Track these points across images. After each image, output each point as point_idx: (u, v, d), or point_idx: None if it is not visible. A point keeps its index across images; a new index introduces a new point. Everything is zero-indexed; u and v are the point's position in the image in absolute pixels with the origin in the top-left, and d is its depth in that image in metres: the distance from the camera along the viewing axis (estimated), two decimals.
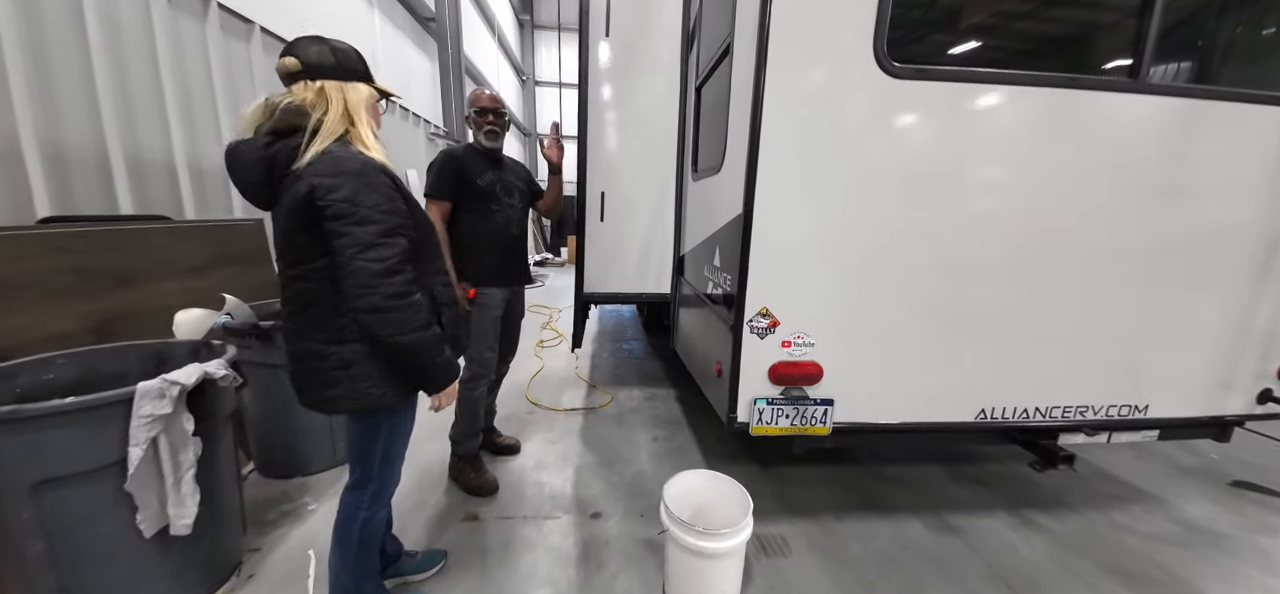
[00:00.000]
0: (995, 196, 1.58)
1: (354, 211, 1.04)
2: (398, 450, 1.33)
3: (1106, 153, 1.57)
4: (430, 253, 1.25)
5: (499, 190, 2.04)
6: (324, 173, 1.05)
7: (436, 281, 1.26)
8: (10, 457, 1.19)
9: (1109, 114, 1.55)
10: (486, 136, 2.04)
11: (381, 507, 1.35)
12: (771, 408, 1.61)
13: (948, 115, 1.51)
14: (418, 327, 1.12)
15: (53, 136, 2.19)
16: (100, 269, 1.95)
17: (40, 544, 1.25)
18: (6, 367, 1.47)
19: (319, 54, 1.12)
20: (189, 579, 1.51)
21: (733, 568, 1.50)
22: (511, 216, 2.09)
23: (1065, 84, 1.51)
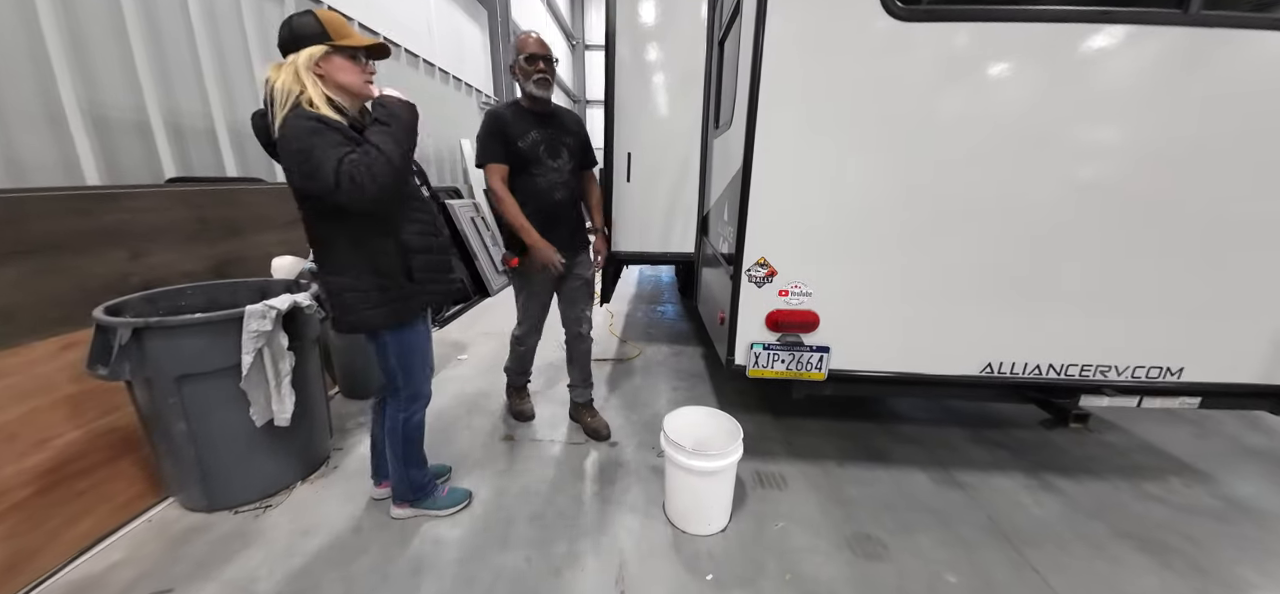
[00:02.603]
0: (1007, 143, 1.53)
1: (308, 178, 1.20)
2: (413, 364, 1.56)
3: (1141, 96, 1.47)
4: (404, 200, 1.40)
5: (542, 152, 1.92)
6: (284, 152, 1.22)
7: (409, 229, 1.41)
8: (159, 355, 1.58)
9: (1148, 49, 1.44)
10: (537, 84, 1.89)
11: (416, 409, 1.63)
12: (768, 353, 1.72)
13: (961, 58, 1.47)
14: (380, 171, 1.20)
15: (172, 110, 2.65)
16: (217, 220, 2.38)
17: (183, 425, 1.66)
18: (152, 293, 1.90)
19: (281, 34, 1.27)
20: (290, 463, 1.92)
21: (720, 487, 1.67)
22: (556, 180, 1.97)
23: (1097, 18, 1.42)
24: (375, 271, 1.38)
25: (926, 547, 1.69)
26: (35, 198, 1.75)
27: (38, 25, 2.05)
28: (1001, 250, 1.62)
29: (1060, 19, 1.43)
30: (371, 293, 1.39)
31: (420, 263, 1.44)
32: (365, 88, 1.33)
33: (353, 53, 1.29)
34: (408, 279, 1.42)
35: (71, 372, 1.66)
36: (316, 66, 1.25)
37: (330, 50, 1.26)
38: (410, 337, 1.52)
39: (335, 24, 1.28)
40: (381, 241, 1.37)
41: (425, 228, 1.46)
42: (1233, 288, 1.63)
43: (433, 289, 1.50)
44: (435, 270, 1.50)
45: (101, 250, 1.90)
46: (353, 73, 1.30)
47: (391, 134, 1.24)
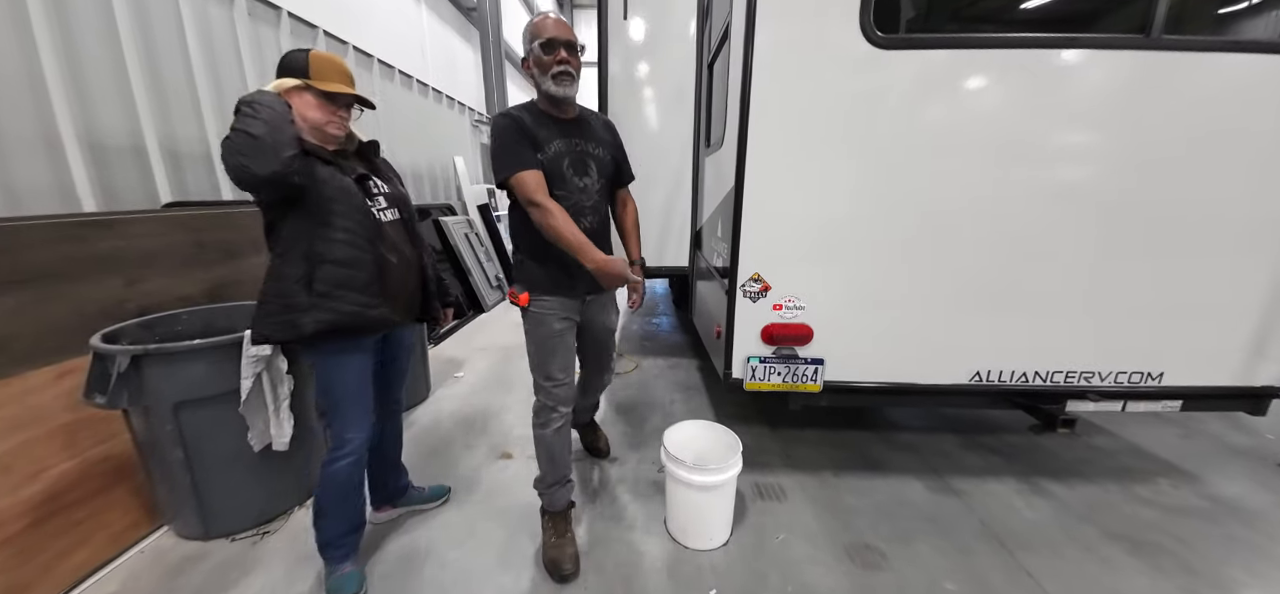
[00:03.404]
0: (983, 161, 1.60)
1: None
2: (336, 401, 1.41)
3: (1111, 112, 1.55)
4: (312, 210, 1.29)
5: (567, 168, 1.49)
6: None
7: (326, 234, 1.30)
8: (156, 383, 1.57)
9: (1115, 73, 1.52)
10: (557, 81, 1.43)
11: (338, 457, 1.43)
12: (764, 366, 1.75)
13: (934, 82, 1.55)
14: (239, 144, 1.15)
15: (169, 136, 2.66)
16: (213, 244, 2.38)
17: (180, 452, 1.65)
18: (149, 319, 1.89)
19: (279, 65, 1.36)
20: (287, 488, 1.91)
21: (721, 501, 1.68)
22: (582, 203, 1.50)
23: (1065, 44, 1.50)
24: (275, 274, 1.31)
25: (925, 554, 1.71)
26: (30, 226, 1.75)
27: (36, 53, 2.07)
28: (984, 262, 1.68)
29: (1030, 45, 1.51)
30: (270, 298, 1.31)
31: (326, 274, 1.29)
32: (327, 128, 1.36)
33: (325, 95, 1.33)
34: (306, 290, 1.28)
35: (67, 400, 1.64)
36: (287, 94, 1.30)
37: (303, 86, 1.31)
38: (332, 367, 1.39)
39: (321, 66, 1.33)
40: (291, 242, 1.29)
41: (351, 240, 1.32)
42: (1205, 293, 1.70)
43: (333, 307, 1.30)
44: (344, 286, 1.31)
45: (97, 277, 1.89)
46: (318, 111, 1.34)
47: (244, 114, 1.18)
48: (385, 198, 1.46)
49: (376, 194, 1.44)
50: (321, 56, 1.34)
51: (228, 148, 1.17)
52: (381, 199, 1.45)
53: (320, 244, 1.29)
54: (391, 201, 1.48)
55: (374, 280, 1.37)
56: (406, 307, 1.53)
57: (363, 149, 1.53)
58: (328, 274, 1.30)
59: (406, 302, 1.52)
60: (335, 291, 1.31)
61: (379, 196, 1.44)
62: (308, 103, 1.32)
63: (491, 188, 6.92)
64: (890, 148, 1.59)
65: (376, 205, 1.42)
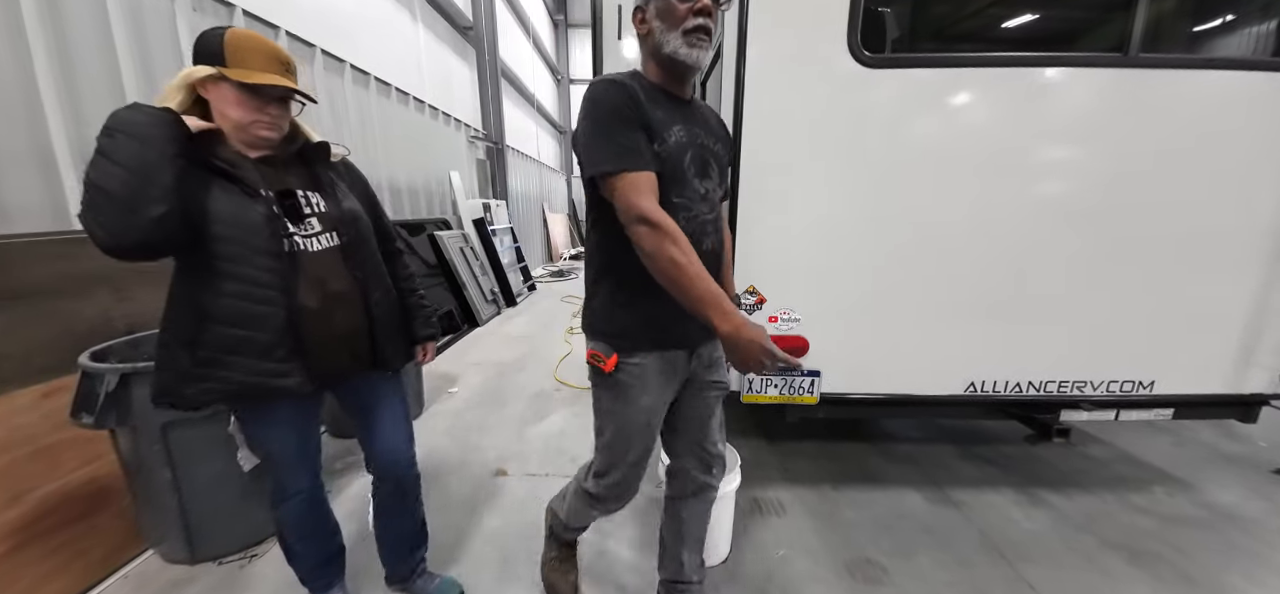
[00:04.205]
0: (972, 176, 1.64)
1: None
2: (268, 453, 1.26)
3: (1093, 127, 1.59)
4: (197, 252, 1.02)
5: (688, 165, 1.06)
6: None
7: (202, 286, 1.04)
8: (145, 402, 1.53)
9: (1096, 90, 1.57)
10: (690, 40, 1.00)
11: (281, 498, 1.32)
12: (760, 378, 1.76)
13: (920, 100, 1.59)
14: (96, 206, 0.92)
15: None
16: None
17: (167, 473, 1.61)
18: (137, 336, 1.86)
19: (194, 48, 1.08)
20: None
21: (721, 517, 1.66)
22: (705, 216, 1.10)
23: (1047, 63, 1.54)
24: (165, 337, 1.08)
25: (925, 568, 1.70)
26: (20, 244, 1.73)
27: (31, 68, 2.07)
28: (976, 274, 1.71)
29: (1012, 64, 1.56)
30: (159, 359, 1.08)
31: (212, 337, 1.04)
32: (252, 129, 1.06)
33: (248, 88, 1.03)
34: (188, 353, 1.04)
35: (53, 421, 1.61)
36: (202, 86, 1.03)
37: (218, 76, 1.01)
38: (252, 424, 1.23)
39: (241, 50, 1.02)
40: (176, 291, 1.07)
41: (245, 291, 1.04)
42: (1194, 302, 1.73)
43: (222, 377, 1.06)
44: (235, 351, 1.05)
45: (87, 294, 1.87)
46: (239, 108, 1.04)
47: (102, 150, 0.91)
48: (319, 220, 1.14)
49: (307, 216, 1.13)
50: (242, 36, 1.04)
51: (83, 205, 0.91)
52: (314, 221, 1.13)
53: (206, 296, 1.03)
54: (329, 224, 1.16)
55: (281, 339, 1.07)
56: (347, 355, 1.20)
57: (307, 152, 1.20)
58: (214, 337, 1.04)
59: (344, 350, 1.19)
60: (223, 358, 1.05)
61: (311, 219, 1.13)
62: (225, 97, 1.03)
63: (487, 202, 6.94)
64: (880, 163, 1.62)
65: (303, 231, 1.11)
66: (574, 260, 10.41)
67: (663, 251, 0.92)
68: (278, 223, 1.07)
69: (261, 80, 1.03)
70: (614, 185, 0.98)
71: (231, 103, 1.04)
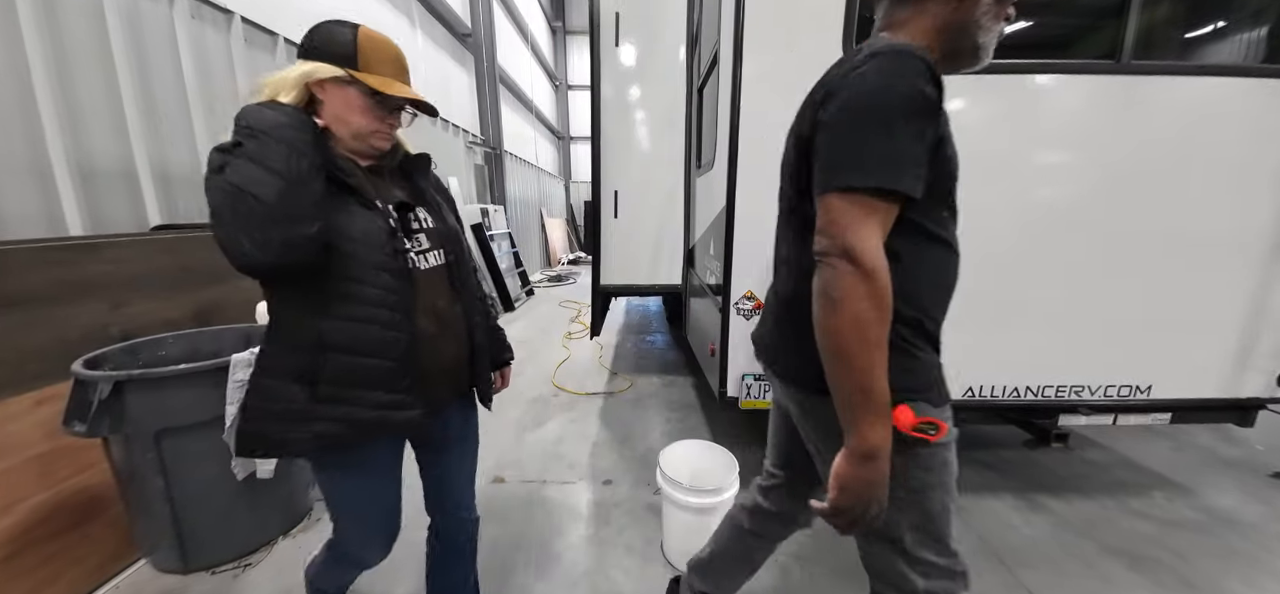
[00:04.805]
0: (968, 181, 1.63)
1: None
2: (339, 510, 1.09)
3: (1088, 134, 1.60)
4: (321, 274, 0.88)
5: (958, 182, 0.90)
6: None
7: (339, 312, 0.91)
8: (138, 410, 1.53)
9: (1089, 96, 1.58)
10: (998, 25, 0.85)
11: (334, 561, 1.18)
12: (759, 383, 1.75)
13: None
14: (243, 217, 0.79)
15: (160, 159, 2.65)
16: (200, 267, 2.35)
17: (160, 481, 1.60)
18: (132, 343, 1.85)
19: (303, 42, 0.94)
20: (270, 517, 1.85)
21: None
22: (958, 250, 0.93)
23: (1042, 69, 1.55)
24: (271, 369, 0.93)
25: None
26: (15, 250, 1.72)
27: (28, 76, 2.07)
28: (971, 278, 1.69)
29: (1007, 71, 1.57)
30: (255, 402, 0.93)
31: (336, 367, 0.91)
32: (371, 139, 0.97)
33: (377, 95, 0.94)
34: (308, 392, 0.91)
35: (45, 429, 1.59)
36: (319, 87, 0.92)
37: (347, 78, 0.91)
38: (338, 480, 1.04)
39: (374, 52, 0.94)
40: (288, 320, 0.92)
41: (374, 314, 0.93)
42: (1190, 306, 1.73)
43: (344, 415, 0.93)
44: (361, 384, 0.94)
45: (82, 301, 1.86)
46: (365, 116, 0.95)
47: (250, 154, 0.81)
48: (428, 236, 1.05)
49: (417, 232, 1.03)
50: (374, 36, 0.95)
51: (219, 214, 0.79)
52: (422, 238, 1.03)
53: (330, 323, 0.90)
54: (436, 240, 1.06)
55: (405, 367, 0.97)
56: (450, 384, 1.10)
57: (407, 164, 1.10)
58: (336, 368, 0.91)
59: (448, 379, 1.09)
60: (346, 392, 0.93)
61: (420, 235, 1.03)
62: (351, 103, 0.93)
63: (485, 207, 6.94)
64: None
65: (415, 248, 1.01)
66: (573, 265, 10.41)
67: (857, 307, 0.69)
68: (397, 239, 0.96)
69: (398, 92, 0.94)
70: (841, 200, 0.71)
71: (356, 109, 0.94)
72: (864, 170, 0.70)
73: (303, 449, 0.94)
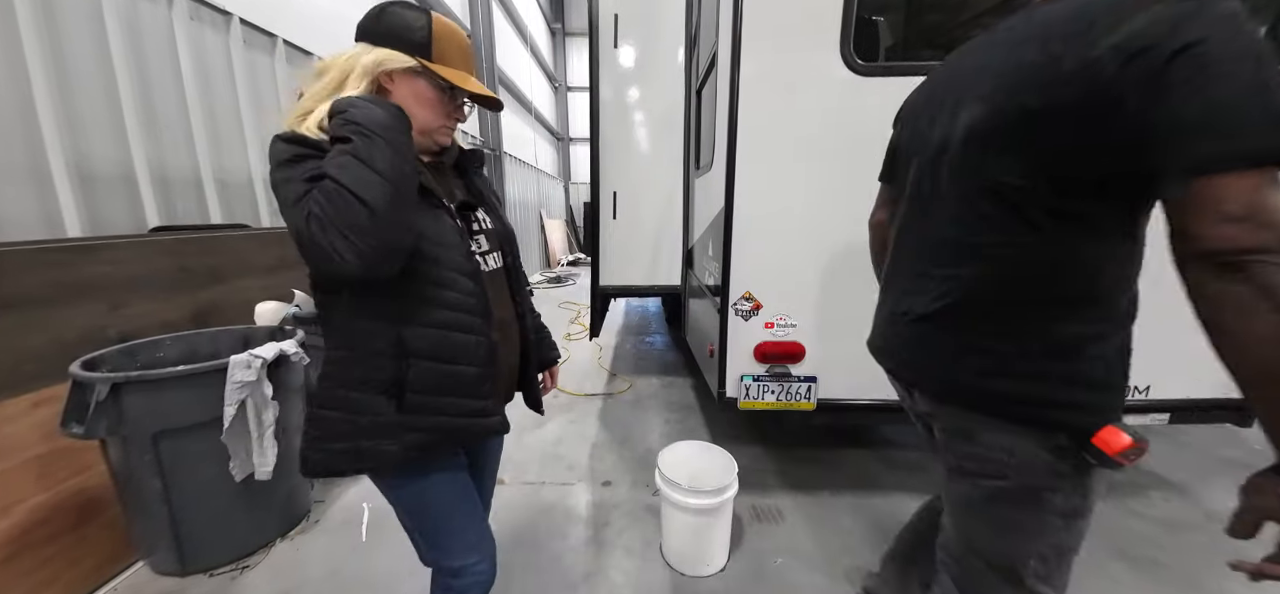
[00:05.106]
0: None
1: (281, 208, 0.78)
2: (432, 526, 0.99)
3: None
4: (401, 277, 0.82)
5: None
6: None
7: (421, 318, 0.86)
8: (136, 412, 1.53)
9: None
10: None
11: (459, 583, 1.01)
12: (758, 384, 1.75)
13: None
14: (354, 220, 0.72)
15: (158, 161, 2.65)
16: (199, 268, 2.35)
17: (157, 483, 1.60)
18: (130, 346, 1.85)
19: (364, 22, 0.87)
20: (268, 519, 1.85)
21: (718, 524, 1.65)
22: None
23: None
24: (349, 381, 0.86)
25: None
26: (12, 252, 1.72)
27: (28, 82, 2.07)
28: None
29: None
30: (336, 416, 0.87)
31: (422, 376, 0.87)
32: (438, 134, 0.92)
33: (448, 88, 0.88)
34: (395, 404, 0.87)
35: (43, 430, 1.59)
36: (388, 78, 0.85)
37: (420, 69, 0.85)
38: (423, 490, 0.96)
39: (448, 42, 0.87)
40: (361, 330, 0.86)
41: (456, 319, 0.89)
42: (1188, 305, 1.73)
43: (433, 423, 0.89)
44: (450, 390, 0.90)
45: (79, 303, 1.86)
46: (434, 110, 0.89)
47: (357, 153, 0.73)
48: (487, 237, 0.99)
49: (478, 233, 0.98)
50: (448, 26, 0.89)
51: (319, 215, 0.71)
52: (483, 239, 0.98)
53: (412, 330, 0.86)
54: (495, 242, 1.01)
55: (486, 373, 0.93)
56: (508, 389, 1.07)
57: (463, 160, 1.04)
58: (424, 376, 0.87)
59: (507, 384, 1.06)
60: (434, 400, 0.89)
61: (480, 236, 0.98)
62: (421, 96, 0.87)
63: None
64: (874, 169, 1.62)
65: (478, 249, 0.96)
66: (572, 267, 10.42)
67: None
68: (466, 238, 0.92)
69: (474, 87, 0.90)
70: (1257, 177, 0.54)
71: (426, 101, 0.88)
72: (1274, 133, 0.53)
73: (398, 461, 0.89)
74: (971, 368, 0.74)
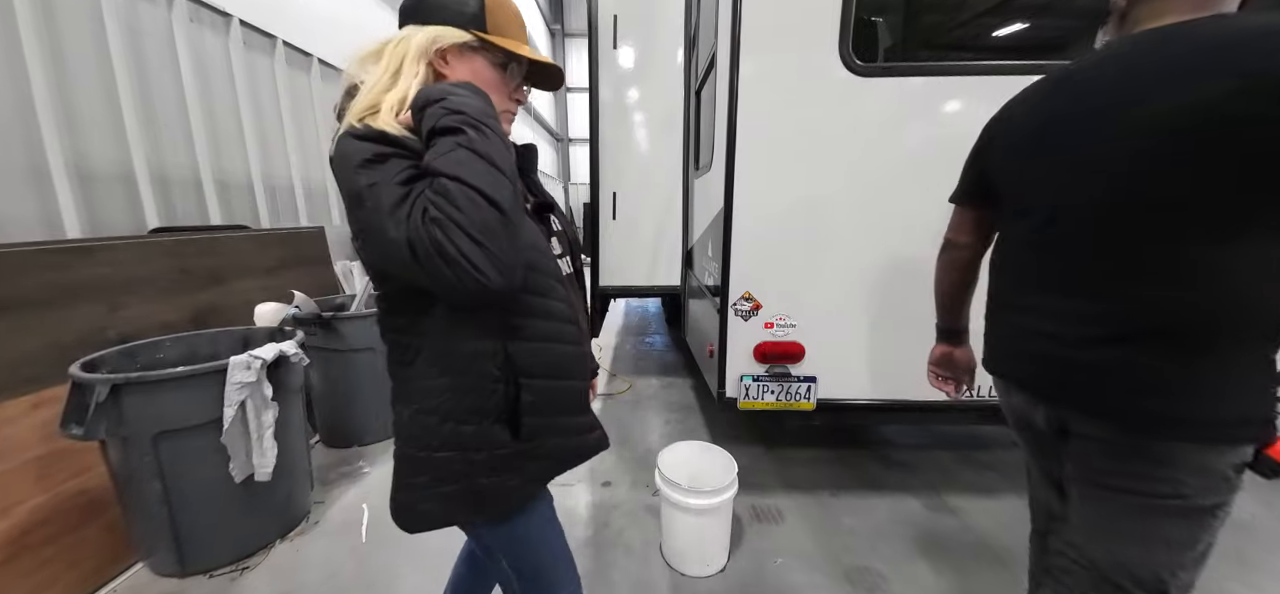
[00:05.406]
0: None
1: (367, 241, 0.67)
2: (536, 560, 0.89)
3: None
4: (533, 288, 0.76)
5: None
6: (334, 176, 0.69)
7: (528, 331, 0.76)
8: (136, 413, 1.53)
9: None
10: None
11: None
12: (757, 384, 1.75)
13: (912, 107, 1.61)
14: (488, 227, 0.61)
15: (158, 163, 2.65)
16: (198, 269, 2.35)
17: (157, 485, 1.59)
18: (130, 346, 1.85)
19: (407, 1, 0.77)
20: (268, 521, 1.85)
21: (718, 524, 1.66)
22: None
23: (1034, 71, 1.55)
24: (457, 413, 0.74)
25: (924, 576, 1.69)
26: (10, 253, 1.72)
27: (27, 83, 2.07)
28: None
29: (1002, 72, 1.57)
30: (446, 456, 0.75)
31: (537, 396, 0.77)
32: (503, 120, 0.79)
33: (506, 59, 0.78)
34: (510, 431, 0.76)
35: (42, 432, 1.59)
36: (441, 58, 0.74)
37: (477, 43, 0.75)
38: (526, 527, 0.85)
39: (500, 11, 0.76)
40: (478, 354, 0.74)
41: (560, 330, 0.81)
42: None
43: (552, 448, 0.81)
44: (561, 410, 0.83)
45: (78, 304, 1.86)
46: (496, 90, 0.77)
47: (474, 146, 0.64)
48: (559, 240, 0.89)
49: (551, 235, 0.87)
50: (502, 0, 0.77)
51: (444, 222, 0.59)
52: (555, 242, 0.87)
53: (519, 346, 0.75)
54: (565, 246, 0.90)
55: (587, 384, 0.88)
56: None
57: (521, 158, 0.84)
58: (539, 395, 0.77)
59: None
60: (552, 422, 0.80)
61: (553, 239, 0.87)
62: (479, 74, 0.76)
63: None
64: (873, 169, 1.63)
65: (554, 252, 0.86)
66: None
67: None
68: (548, 241, 0.83)
69: (529, 53, 0.79)
70: None
71: (485, 81, 0.76)
72: None
73: (521, 496, 0.79)
74: (1171, 390, 0.73)
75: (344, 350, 2.43)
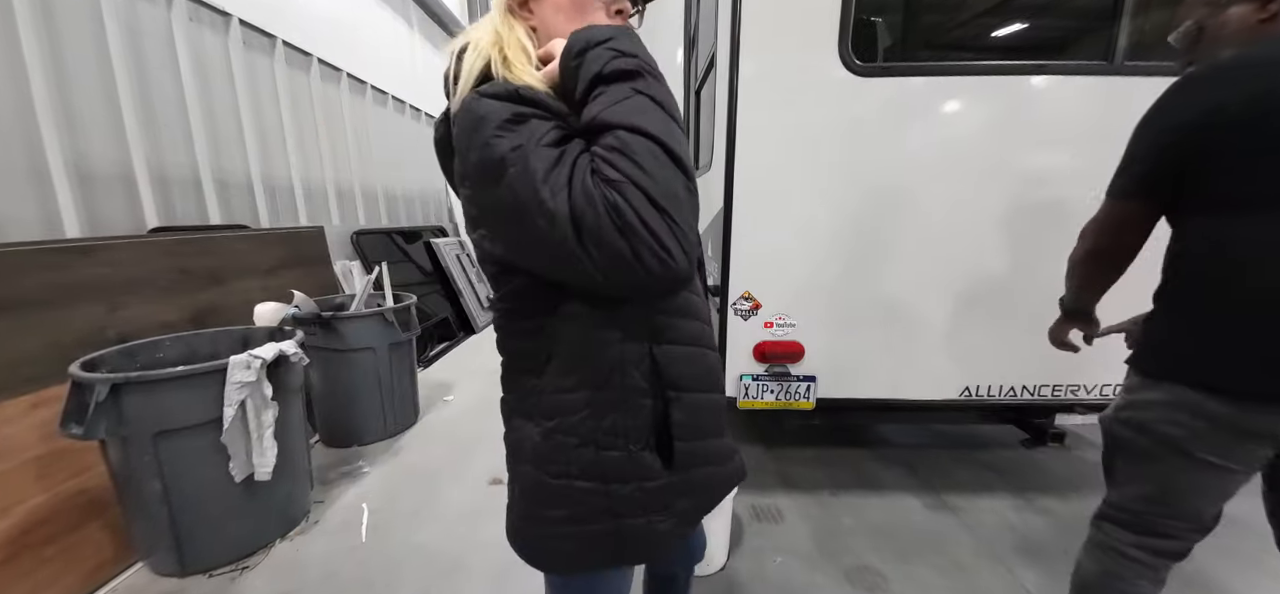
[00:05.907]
0: (964, 181, 1.65)
1: (504, 216, 0.54)
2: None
3: (1082, 134, 1.61)
4: None
5: None
6: (461, 166, 0.58)
7: (673, 335, 0.63)
8: (136, 412, 1.53)
9: (1084, 98, 1.59)
10: None
11: None
12: (757, 383, 1.76)
13: (911, 108, 1.61)
14: (673, 194, 0.51)
15: (157, 163, 2.65)
16: (198, 269, 2.35)
17: (157, 484, 1.59)
18: (129, 346, 1.85)
19: None
20: (268, 520, 1.85)
21: (718, 524, 1.66)
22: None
23: (1034, 71, 1.56)
24: (596, 434, 0.61)
25: (924, 575, 1.69)
26: (10, 253, 1.72)
27: (27, 83, 2.07)
28: (968, 277, 1.72)
29: (1002, 73, 1.58)
30: (587, 487, 0.62)
31: (686, 413, 0.64)
32: None
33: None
34: (662, 458, 0.64)
35: (42, 432, 1.59)
36: (523, 6, 0.65)
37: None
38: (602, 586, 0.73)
39: None
40: (623, 358, 0.61)
41: (698, 331, 0.67)
42: None
43: (702, 479, 0.68)
44: (709, 432, 0.69)
45: (78, 304, 1.86)
46: (594, 14, 0.66)
47: (655, 94, 0.55)
48: None
49: None
50: None
51: (624, 184, 0.48)
52: None
53: (665, 349, 0.62)
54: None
55: (721, 392, 0.74)
56: None
57: None
58: (688, 412, 0.64)
59: None
60: (702, 446, 0.67)
61: None
62: (565, 5, 0.65)
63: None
64: (872, 169, 1.64)
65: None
66: None
67: None
68: None
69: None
70: None
71: (575, 11, 0.64)
72: None
73: (668, 542, 0.64)
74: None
75: (344, 350, 2.44)
